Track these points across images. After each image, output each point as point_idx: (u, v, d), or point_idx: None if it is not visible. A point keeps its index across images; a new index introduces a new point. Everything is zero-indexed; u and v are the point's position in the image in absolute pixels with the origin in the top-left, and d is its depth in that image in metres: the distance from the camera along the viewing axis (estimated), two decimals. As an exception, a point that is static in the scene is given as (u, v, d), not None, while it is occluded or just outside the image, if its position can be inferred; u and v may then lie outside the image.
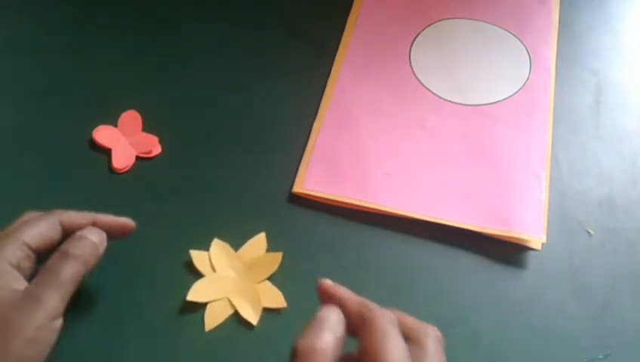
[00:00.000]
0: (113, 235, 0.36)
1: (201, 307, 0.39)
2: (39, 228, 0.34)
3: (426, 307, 0.39)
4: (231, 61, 0.51)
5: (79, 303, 0.39)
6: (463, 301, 0.40)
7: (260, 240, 0.41)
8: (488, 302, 0.40)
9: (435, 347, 0.27)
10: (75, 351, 0.36)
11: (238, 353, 0.37)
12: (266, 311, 0.39)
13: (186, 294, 0.38)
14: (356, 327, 0.28)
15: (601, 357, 0.38)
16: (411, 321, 0.28)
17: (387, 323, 0.27)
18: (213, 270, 0.40)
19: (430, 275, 0.41)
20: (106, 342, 0.37)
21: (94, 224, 0.36)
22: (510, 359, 0.38)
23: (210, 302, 0.39)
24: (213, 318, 0.38)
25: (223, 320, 0.38)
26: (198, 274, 0.40)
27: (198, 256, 0.40)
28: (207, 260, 0.40)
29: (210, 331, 0.38)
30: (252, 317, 0.38)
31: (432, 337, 0.27)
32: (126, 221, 0.37)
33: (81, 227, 0.35)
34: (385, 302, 0.38)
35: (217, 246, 0.41)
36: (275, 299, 0.39)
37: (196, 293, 0.39)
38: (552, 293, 0.40)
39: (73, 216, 0.36)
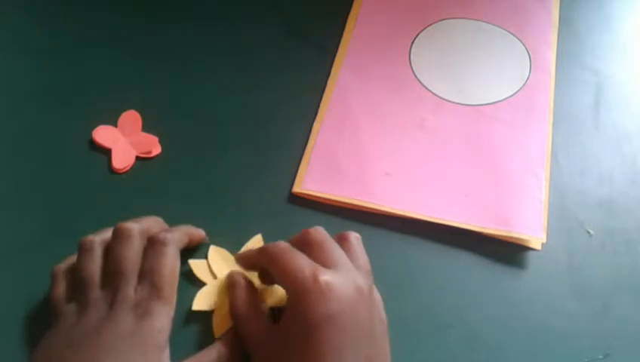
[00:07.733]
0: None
1: (206, 315, 0.38)
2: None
3: (426, 307, 0.39)
4: (231, 61, 0.51)
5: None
6: (463, 301, 0.40)
7: (257, 242, 0.41)
8: (488, 301, 0.40)
9: (357, 241, 0.37)
10: None
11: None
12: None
13: (189, 304, 0.38)
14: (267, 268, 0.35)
15: (601, 357, 0.38)
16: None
17: (279, 246, 0.35)
18: (214, 277, 0.40)
19: (430, 275, 0.41)
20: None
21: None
22: (510, 359, 0.38)
23: (216, 308, 0.38)
24: (221, 324, 0.37)
25: (232, 324, 0.38)
26: (199, 283, 0.39)
27: (197, 265, 0.40)
28: (207, 268, 0.40)
29: (220, 337, 0.37)
30: None
31: (353, 235, 0.37)
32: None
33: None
34: (385, 302, 0.38)
35: (215, 252, 0.40)
36: (280, 300, 0.38)
37: (201, 302, 0.38)
38: (552, 293, 0.40)
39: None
